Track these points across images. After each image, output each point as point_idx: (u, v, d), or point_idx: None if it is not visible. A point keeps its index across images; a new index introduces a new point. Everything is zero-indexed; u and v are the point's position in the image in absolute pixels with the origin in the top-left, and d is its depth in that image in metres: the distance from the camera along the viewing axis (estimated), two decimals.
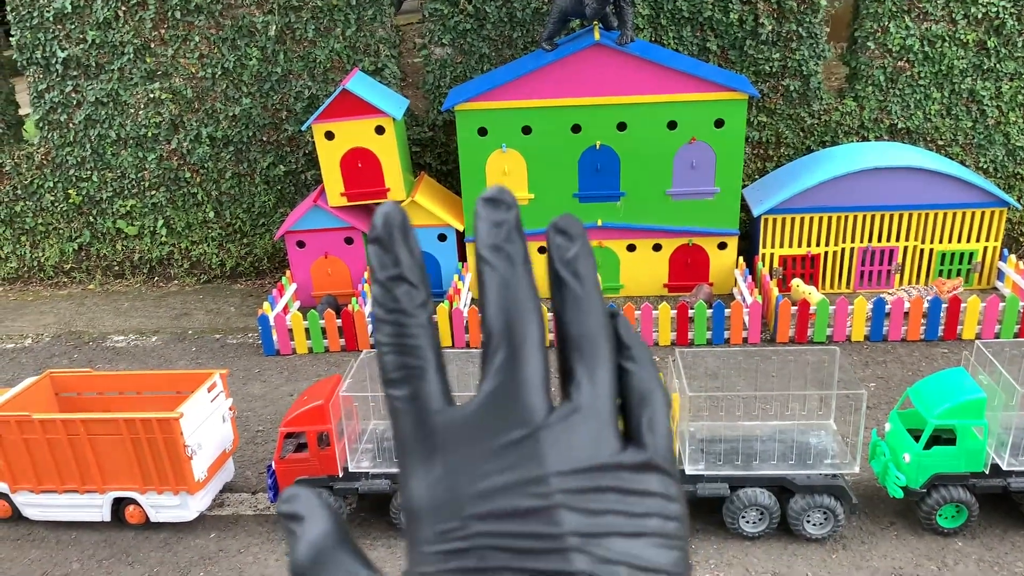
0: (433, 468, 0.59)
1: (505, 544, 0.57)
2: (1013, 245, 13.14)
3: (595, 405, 0.60)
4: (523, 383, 0.60)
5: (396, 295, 0.61)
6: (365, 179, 12.14)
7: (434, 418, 0.60)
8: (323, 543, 0.62)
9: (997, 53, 12.47)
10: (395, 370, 0.61)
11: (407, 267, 0.61)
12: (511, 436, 0.58)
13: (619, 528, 0.57)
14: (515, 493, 0.57)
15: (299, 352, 11.66)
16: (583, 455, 0.58)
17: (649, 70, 11.47)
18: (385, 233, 0.61)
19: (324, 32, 12.91)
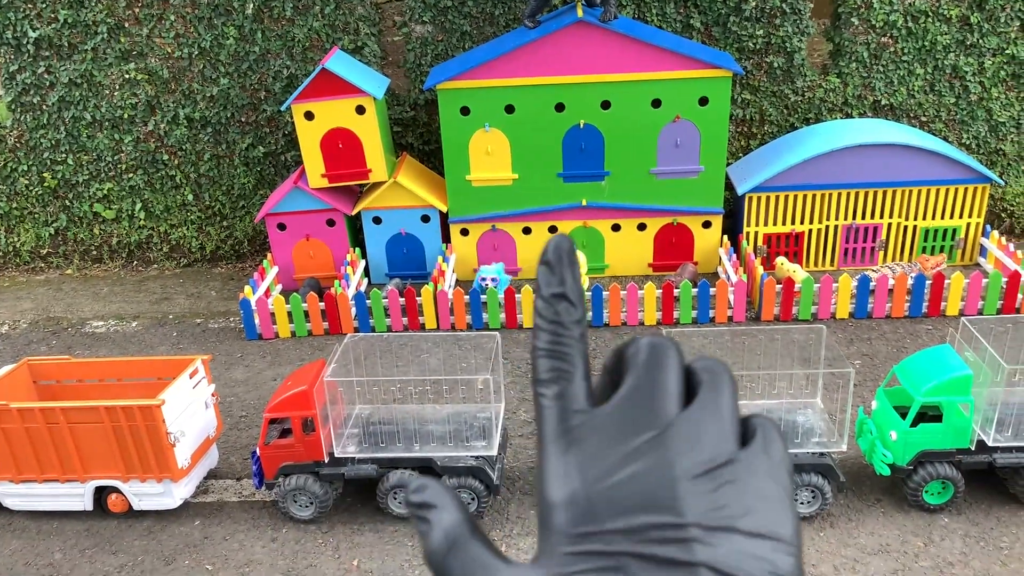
0: (569, 461, 0.65)
1: (631, 531, 0.61)
2: (995, 221, 13.19)
3: (718, 410, 0.67)
4: (661, 388, 0.67)
5: (557, 309, 0.69)
6: (346, 160, 11.98)
7: (575, 416, 0.67)
8: (456, 531, 0.67)
9: (980, 28, 12.44)
10: (546, 371, 0.68)
11: (569, 287, 0.69)
12: (642, 437, 0.64)
13: (739, 526, 0.61)
14: (642, 485, 0.62)
15: (282, 336, 11.54)
16: (706, 453, 0.64)
17: (633, 48, 11.35)
18: (555, 258, 0.70)
19: (302, 10, 12.68)
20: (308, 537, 7.99)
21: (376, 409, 8.33)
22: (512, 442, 9.02)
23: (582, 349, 0.69)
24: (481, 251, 12.69)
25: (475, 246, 12.67)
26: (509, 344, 11.07)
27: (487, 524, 7.97)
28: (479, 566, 0.65)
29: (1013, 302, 11.09)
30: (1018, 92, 12.76)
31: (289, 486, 7.94)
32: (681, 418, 0.65)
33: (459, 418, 8.12)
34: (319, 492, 7.94)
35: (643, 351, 0.69)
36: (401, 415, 8.14)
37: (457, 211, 12.37)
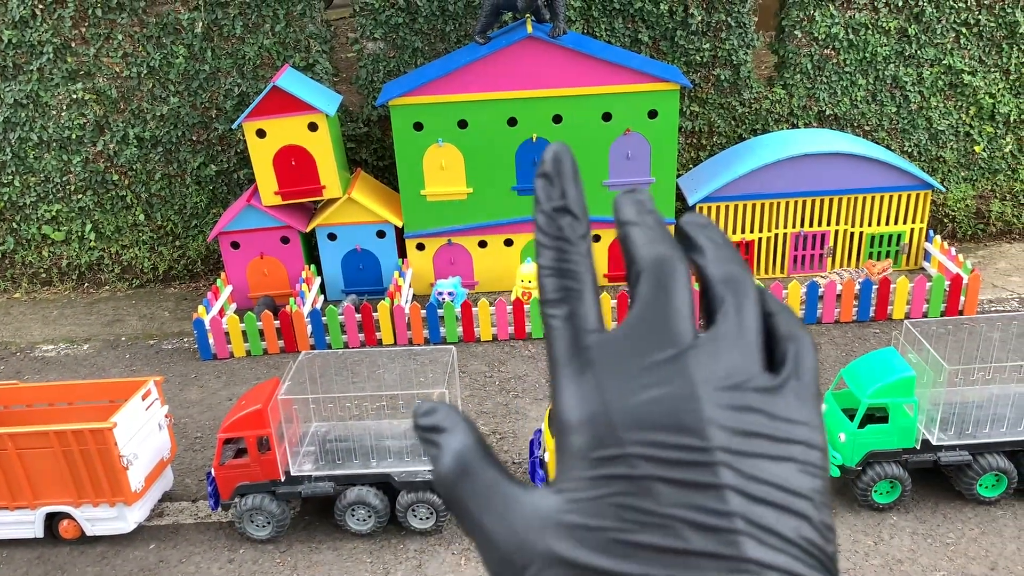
0: (585, 382, 0.61)
1: (654, 454, 0.58)
2: (938, 226, 13.56)
3: (742, 331, 0.62)
4: (672, 309, 0.62)
5: (560, 224, 0.64)
6: (299, 177, 11.95)
7: (588, 336, 0.63)
8: (468, 455, 0.63)
9: (918, 40, 12.83)
10: (554, 291, 0.64)
11: (572, 200, 0.65)
12: (661, 355, 0.61)
13: (765, 450, 0.59)
14: (665, 407, 0.59)
15: (237, 355, 11.44)
16: (730, 375, 0.60)
17: (582, 62, 11.51)
18: (553, 169, 0.65)
19: (252, 28, 12.65)
20: (266, 557, 7.93)
21: (333, 426, 8.31)
22: None
23: (590, 265, 0.66)
24: (437, 265, 12.72)
25: (431, 260, 12.70)
26: (467, 358, 11.11)
27: (447, 538, 7.98)
28: (493, 491, 0.62)
29: (956, 304, 11.41)
30: (956, 101, 13.17)
31: (245, 506, 7.88)
32: (701, 340, 0.62)
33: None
34: (276, 511, 7.88)
35: (646, 273, 0.64)
36: (358, 431, 8.13)
37: (412, 226, 12.40)
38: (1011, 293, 12.12)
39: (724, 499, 0.57)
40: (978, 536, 7.61)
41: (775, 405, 0.61)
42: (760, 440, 0.59)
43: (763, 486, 0.58)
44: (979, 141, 13.34)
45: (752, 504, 0.57)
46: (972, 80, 13.01)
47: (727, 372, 0.61)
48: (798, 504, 0.58)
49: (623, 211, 0.67)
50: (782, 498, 0.58)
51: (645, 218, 0.66)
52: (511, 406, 10.01)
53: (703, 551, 0.56)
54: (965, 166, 13.52)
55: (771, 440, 0.59)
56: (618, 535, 0.57)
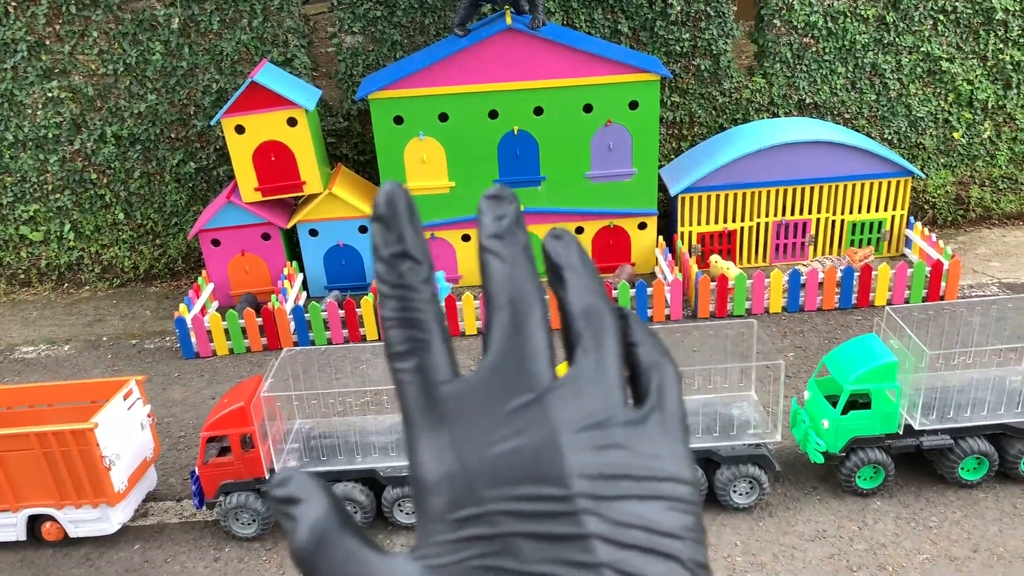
0: (441, 438, 0.59)
1: (515, 508, 0.57)
2: (919, 213, 13.64)
3: (602, 368, 0.61)
4: (528, 352, 0.60)
5: (400, 271, 0.61)
6: (279, 173, 11.87)
7: (440, 388, 0.61)
8: (324, 524, 0.60)
9: (896, 27, 12.88)
10: (400, 343, 0.61)
11: (411, 244, 0.62)
12: (518, 401, 0.59)
13: (631, 491, 0.57)
14: (523, 457, 0.58)
15: (219, 353, 11.37)
16: (591, 415, 0.59)
17: (562, 54, 11.48)
18: (388, 212, 0.61)
19: (229, 24, 12.54)
20: (251, 555, 7.89)
21: (317, 423, 8.27)
22: None
23: (435, 312, 0.62)
24: None
25: None
26: None
27: None
28: (350, 560, 0.59)
29: (937, 290, 11.48)
30: (934, 88, 13.23)
31: (230, 504, 7.84)
32: (560, 382, 0.60)
33: (399, 427, 8.09)
34: (261, 509, 7.84)
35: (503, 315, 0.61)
36: (342, 427, 8.10)
37: None
38: (991, 278, 12.21)
39: (591, 549, 0.55)
40: (960, 519, 7.68)
41: (639, 441, 0.59)
42: (625, 481, 0.57)
43: (630, 530, 0.56)
44: (958, 127, 13.42)
45: (620, 551, 0.55)
46: (950, 67, 13.08)
47: (588, 412, 0.59)
48: (667, 545, 0.56)
49: (484, 226, 0.63)
50: (650, 541, 0.56)
51: (502, 244, 0.63)
52: None
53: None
54: (944, 152, 13.60)
55: (636, 480, 0.58)
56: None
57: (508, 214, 0.64)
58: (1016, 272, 12.33)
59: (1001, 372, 8.17)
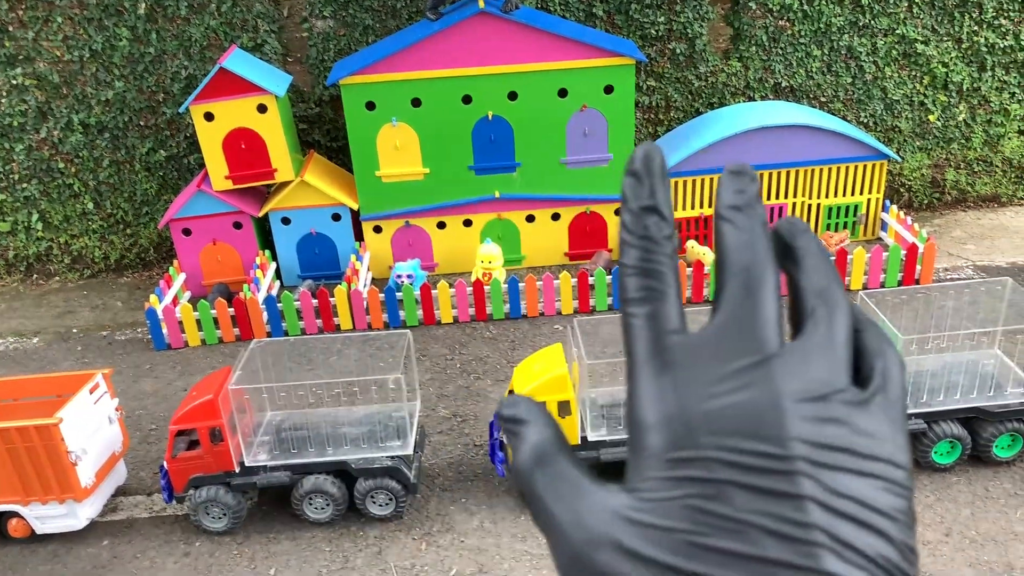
0: (664, 383, 0.61)
1: (733, 459, 0.58)
2: (894, 196, 13.64)
3: (831, 343, 0.62)
4: (759, 316, 0.62)
5: (646, 223, 0.64)
6: (250, 160, 11.69)
7: (670, 337, 0.63)
8: (545, 447, 0.64)
9: (871, 10, 12.82)
10: (636, 290, 0.64)
11: (660, 200, 0.65)
12: (745, 361, 0.60)
13: (848, 464, 0.58)
14: (746, 412, 0.59)
15: (192, 344, 11.22)
16: (816, 386, 0.60)
17: (537, 38, 11.35)
18: (643, 168, 0.65)
19: (198, 9, 12.30)
20: (222, 549, 7.79)
21: (288, 414, 8.17)
22: (431, 439, 8.95)
23: (674, 267, 0.65)
24: (396, 248, 12.55)
25: (390, 243, 12.52)
26: (427, 341, 11.00)
27: (407, 524, 7.90)
28: (567, 483, 0.62)
29: (912, 273, 11.49)
30: (910, 71, 13.20)
31: (200, 498, 7.73)
32: (788, 348, 0.62)
33: (373, 419, 8.02)
34: (232, 503, 7.74)
35: (737, 277, 0.64)
36: (314, 419, 8.00)
37: (368, 208, 12.20)
38: (966, 261, 12.24)
39: (804, 509, 0.56)
40: (933, 503, 7.69)
41: (860, 420, 0.60)
42: (843, 454, 0.58)
43: (844, 500, 0.57)
44: (933, 110, 13.41)
45: (832, 518, 0.56)
46: (925, 49, 13.05)
47: (813, 382, 0.60)
48: (880, 522, 0.57)
49: (723, 198, 0.66)
50: (863, 514, 0.57)
51: (741, 215, 0.65)
52: (472, 388, 9.92)
53: (779, 560, 0.55)
54: (920, 135, 13.59)
55: (854, 455, 0.58)
56: (691, 537, 0.57)
57: (749, 190, 0.66)
58: (991, 255, 12.36)
59: (974, 355, 8.17)
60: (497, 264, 11.76)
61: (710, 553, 0.56)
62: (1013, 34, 13.05)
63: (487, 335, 11.10)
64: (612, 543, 0.58)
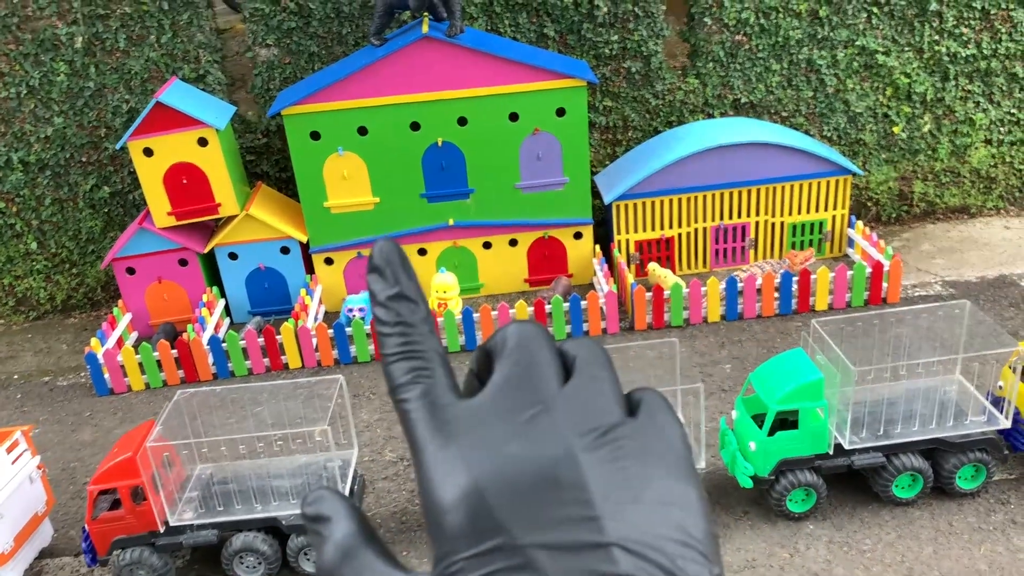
0: (452, 457, 0.61)
1: (536, 518, 0.57)
2: (862, 210, 13.34)
3: (601, 381, 0.66)
4: (536, 365, 0.64)
5: (398, 311, 0.66)
6: (193, 195, 11.32)
7: (447, 410, 0.63)
8: (350, 543, 0.64)
9: (830, 22, 12.55)
10: (404, 374, 0.65)
11: (406, 287, 0.67)
12: (528, 412, 0.62)
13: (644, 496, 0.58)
14: (538, 466, 0.59)
15: (135, 389, 10.81)
16: (598, 423, 0.62)
17: (484, 61, 11.03)
18: (383, 262, 0.67)
19: (137, 41, 11.96)
20: None
21: (219, 468, 7.76)
22: (375, 486, 8.56)
23: (436, 346, 0.66)
24: (349, 280, 12.18)
25: (342, 275, 12.15)
26: (378, 378, 10.61)
27: None
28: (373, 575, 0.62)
29: (879, 292, 11.17)
30: (872, 82, 12.93)
31: (124, 561, 7.32)
32: (564, 392, 0.63)
33: (307, 470, 7.62)
34: (158, 564, 7.33)
35: (511, 337, 0.67)
36: (246, 472, 7.59)
37: (318, 240, 11.83)
38: (935, 276, 11.93)
39: (612, 558, 0.56)
40: (894, 540, 7.32)
41: (643, 450, 0.61)
42: (637, 486, 0.58)
43: (649, 538, 0.56)
44: (897, 122, 13.13)
45: (639, 560, 0.56)
46: (887, 60, 12.77)
47: (596, 420, 0.62)
48: (685, 554, 0.57)
49: None
50: (669, 548, 0.56)
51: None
52: None
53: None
54: (886, 148, 13.30)
55: (648, 485, 0.59)
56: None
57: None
58: (960, 269, 12.06)
59: (934, 383, 7.82)
60: (453, 294, 11.40)
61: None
62: (975, 43, 12.80)
63: None
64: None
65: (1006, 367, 7.68)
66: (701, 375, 9.94)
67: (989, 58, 12.90)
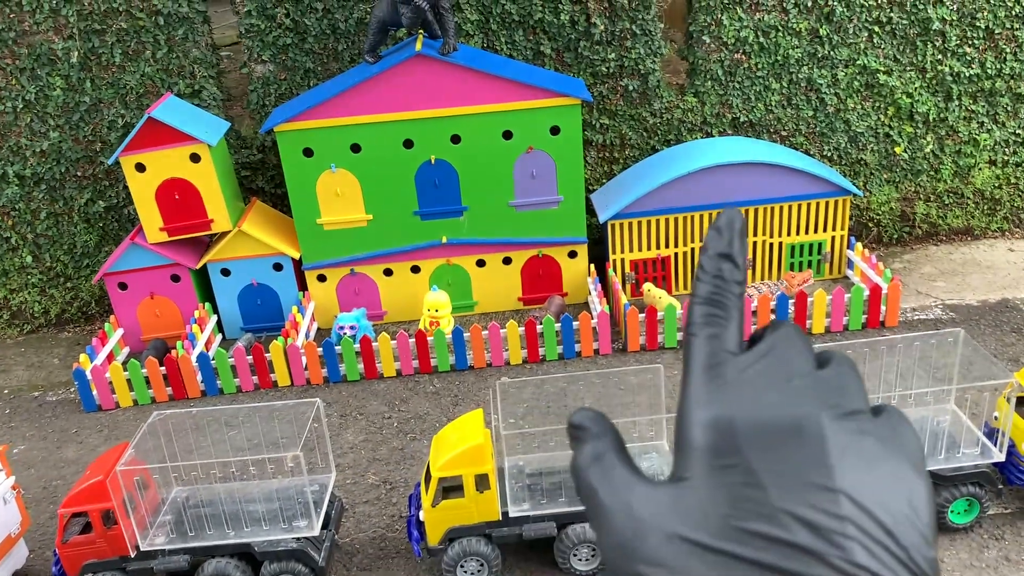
0: (714, 389, 0.69)
1: (774, 454, 0.64)
2: (863, 231, 13.14)
3: (854, 376, 0.73)
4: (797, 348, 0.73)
5: (720, 266, 0.75)
6: (185, 211, 11.28)
7: (724, 355, 0.71)
8: (602, 448, 0.72)
9: (830, 40, 12.40)
10: (701, 316, 0.74)
11: (736, 250, 0.76)
12: (787, 377, 0.69)
13: (877, 472, 0.64)
14: (787, 420, 0.66)
15: (123, 405, 10.74)
16: (848, 402, 0.69)
17: (478, 79, 10.94)
18: (726, 225, 0.76)
19: (132, 56, 11.95)
20: None
21: (194, 490, 7.65)
22: (355, 510, 8.43)
23: (739, 305, 0.74)
24: (342, 297, 12.09)
25: (335, 292, 12.06)
26: (366, 397, 10.51)
27: None
28: (619, 478, 0.69)
29: (877, 315, 10.97)
30: (873, 102, 12.75)
31: None
32: (826, 371, 0.70)
33: (283, 494, 7.50)
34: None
35: (772, 327, 0.74)
36: (222, 495, 7.48)
37: (311, 257, 11.76)
38: (935, 300, 11.71)
39: (838, 502, 0.61)
40: None
41: (883, 438, 0.67)
42: (872, 463, 0.64)
43: (875, 503, 0.61)
44: (899, 142, 12.94)
45: (863, 515, 0.61)
46: (888, 80, 12.60)
47: (849, 402, 0.68)
48: (907, 529, 0.61)
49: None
50: (892, 519, 0.61)
51: None
52: (407, 450, 9.39)
53: (810, 548, 0.60)
54: (887, 168, 13.11)
55: (881, 466, 0.64)
56: (730, 521, 0.62)
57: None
58: (961, 292, 11.84)
59: (927, 412, 7.63)
60: (445, 311, 11.29)
61: (746, 535, 0.61)
62: (979, 62, 12.61)
63: (430, 389, 10.60)
64: (659, 530, 0.64)
65: (1001, 398, 7.48)
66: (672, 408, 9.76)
67: (994, 78, 12.71)
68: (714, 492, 0.63)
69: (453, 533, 7.11)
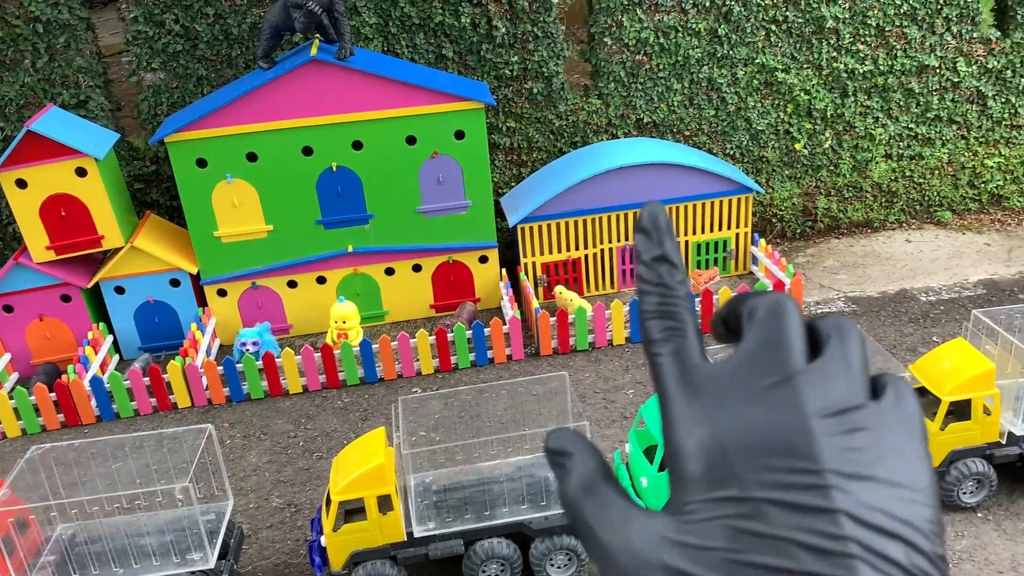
0: (695, 410, 0.66)
1: (767, 478, 0.61)
2: (767, 227, 13.36)
3: (848, 361, 0.67)
4: (785, 339, 0.67)
5: (659, 272, 0.72)
6: (73, 228, 10.73)
7: (695, 369, 0.68)
8: (591, 477, 0.69)
9: (729, 40, 12.55)
10: (659, 332, 0.71)
11: (669, 251, 0.72)
12: (770, 380, 0.65)
13: (874, 476, 0.61)
14: (774, 430, 0.62)
15: (11, 436, 10.15)
16: (838, 401, 0.64)
17: (377, 84, 10.70)
18: (650, 223, 0.72)
19: (10, 66, 11.31)
20: None
21: (81, 526, 7.24)
22: (258, 535, 8.12)
23: (689, 308, 0.72)
24: (244, 311, 11.69)
25: (237, 307, 11.66)
26: (271, 416, 10.17)
27: None
28: (613, 510, 0.66)
29: None
30: (772, 100, 12.97)
31: None
32: (809, 367, 0.65)
33: (178, 524, 7.16)
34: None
35: (762, 307, 0.69)
36: (108, 531, 7.09)
37: (209, 271, 11.33)
38: (838, 292, 11.97)
39: (837, 523, 0.59)
40: None
41: (881, 431, 0.63)
42: (869, 467, 0.61)
43: (875, 513, 0.59)
44: (799, 138, 13.20)
45: (865, 530, 0.59)
46: (786, 77, 12.83)
47: (836, 398, 0.64)
48: (909, 532, 0.60)
49: None
50: (893, 525, 0.59)
51: None
52: (313, 470, 9.11)
53: (817, 572, 0.58)
54: (788, 164, 13.36)
55: (879, 467, 0.61)
56: (732, 555, 0.60)
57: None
58: (862, 284, 12.13)
59: None
60: (353, 323, 11.01)
61: (751, 569, 0.59)
62: (872, 59, 12.94)
63: (338, 404, 10.32)
64: (659, 565, 0.62)
65: None
66: (604, 402, 9.75)
67: (886, 74, 13.07)
68: (713, 525, 0.61)
69: (357, 557, 6.89)
